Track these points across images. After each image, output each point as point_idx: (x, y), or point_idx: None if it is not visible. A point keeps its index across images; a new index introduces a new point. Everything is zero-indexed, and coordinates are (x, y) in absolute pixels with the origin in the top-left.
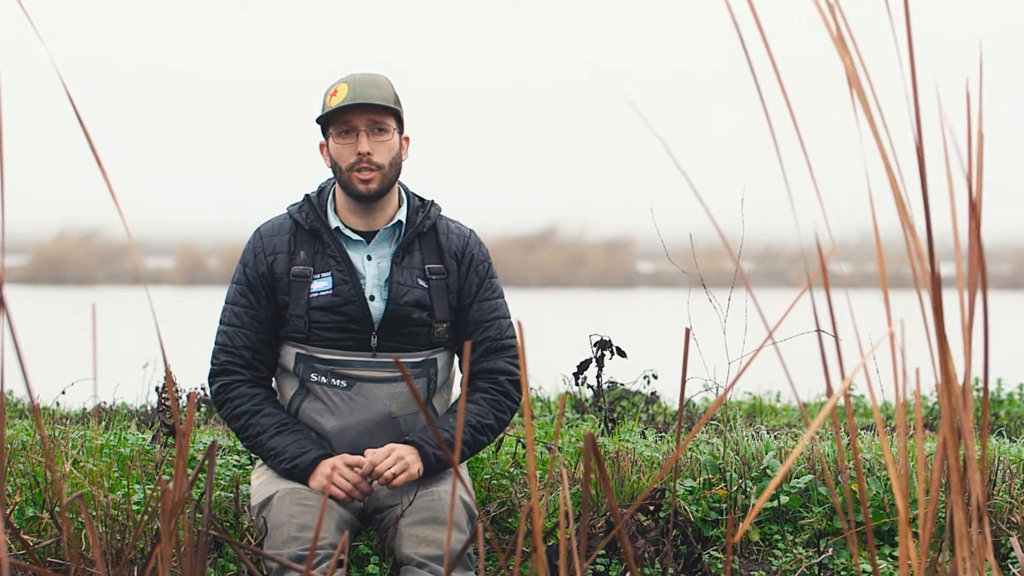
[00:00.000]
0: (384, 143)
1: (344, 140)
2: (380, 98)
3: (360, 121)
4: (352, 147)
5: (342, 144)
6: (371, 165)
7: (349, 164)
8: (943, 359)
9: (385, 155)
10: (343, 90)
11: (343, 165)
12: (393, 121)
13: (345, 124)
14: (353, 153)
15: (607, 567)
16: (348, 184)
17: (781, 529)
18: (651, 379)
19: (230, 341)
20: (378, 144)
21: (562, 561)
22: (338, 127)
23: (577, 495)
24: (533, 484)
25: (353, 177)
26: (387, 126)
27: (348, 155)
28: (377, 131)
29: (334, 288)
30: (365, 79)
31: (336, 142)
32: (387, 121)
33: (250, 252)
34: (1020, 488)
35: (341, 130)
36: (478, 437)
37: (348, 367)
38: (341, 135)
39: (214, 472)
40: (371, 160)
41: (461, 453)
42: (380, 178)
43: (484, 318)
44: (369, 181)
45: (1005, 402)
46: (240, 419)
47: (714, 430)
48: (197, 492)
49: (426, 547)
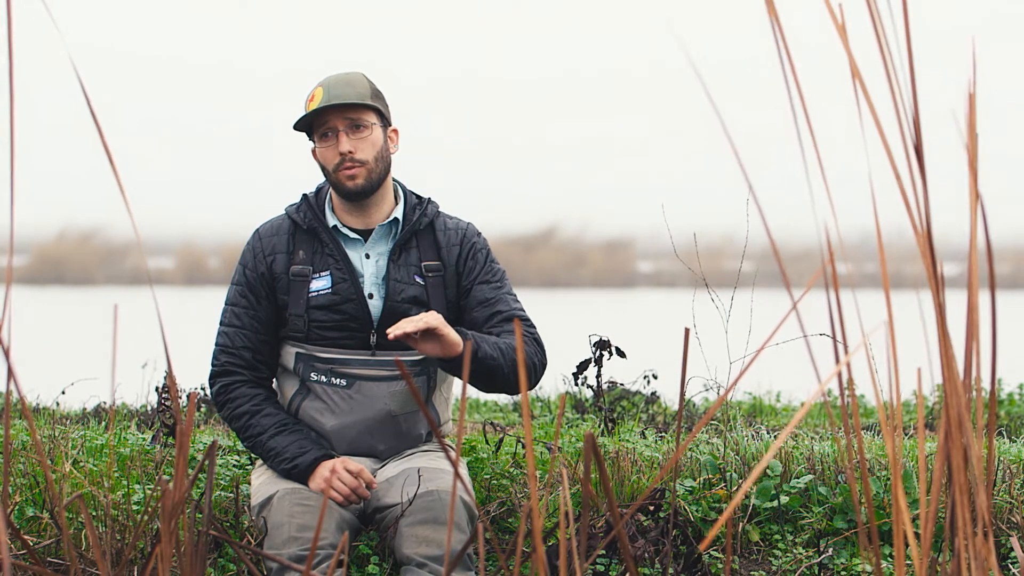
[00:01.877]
0: (365, 139)
1: (326, 143)
2: (355, 96)
3: (338, 121)
4: (334, 148)
5: (325, 147)
6: (354, 162)
7: (334, 165)
8: (945, 358)
9: (368, 151)
10: (319, 94)
11: (329, 167)
12: (373, 116)
13: (325, 126)
14: (336, 154)
15: (607, 567)
16: (337, 184)
17: (781, 529)
18: (651, 379)
19: (230, 342)
20: (359, 141)
21: (562, 561)
22: (319, 131)
23: (577, 495)
24: (533, 484)
25: (340, 176)
26: (365, 122)
27: (332, 157)
28: (356, 128)
29: (333, 287)
30: (340, 80)
31: (320, 146)
32: (365, 117)
33: (249, 253)
34: (1020, 488)
35: (322, 133)
36: (510, 355)
37: (348, 366)
38: (323, 139)
39: (214, 472)
40: (354, 158)
41: (497, 365)
42: (366, 173)
43: (489, 296)
44: (355, 177)
45: (1005, 402)
46: (240, 419)
47: (714, 430)
48: (197, 492)
49: (426, 547)
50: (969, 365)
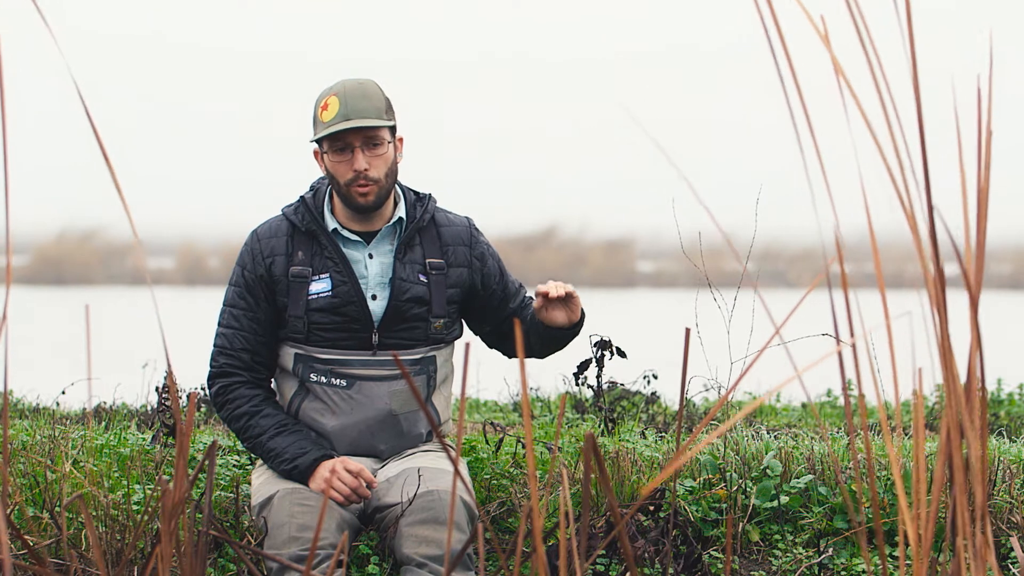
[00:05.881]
0: (380, 156)
1: (340, 157)
2: (374, 113)
3: (355, 138)
4: (348, 164)
5: (338, 161)
6: (368, 180)
7: (347, 180)
8: (945, 358)
9: (381, 168)
10: (334, 104)
11: (341, 181)
12: (387, 132)
13: (340, 141)
14: (350, 170)
15: (607, 567)
16: (348, 198)
17: (781, 529)
18: (651, 379)
19: (229, 343)
20: (374, 159)
21: (562, 561)
22: (333, 143)
23: (577, 495)
24: (533, 484)
25: (352, 192)
26: (381, 139)
27: (345, 172)
28: (372, 146)
29: (333, 289)
30: (355, 91)
31: (332, 159)
32: (381, 135)
33: (247, 254)
34: (1020, 488)
35: (336, 147)
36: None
37: (347, 366)
38: (336, 152)
39: (214, 472)
40: (368, 176)
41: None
42: (378, 190)
43: (509, 289)
44: (367, 194)
45: (1005, 402)
46: (240, 420)
47: (714, 430)
48: (197, 492)
49: (426, 547)
50: (972, 370)
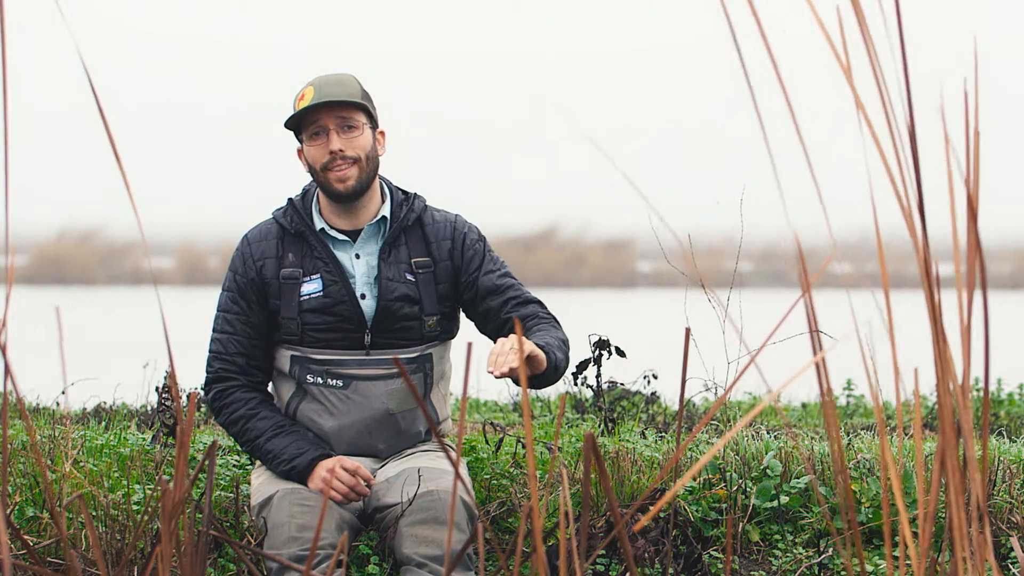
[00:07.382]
0: (355, 139)
1: (315, 141)
2: (346, 95)
3: (329, 120)
4: (324, 147)
5: (314, 145)
6: (345, 160)
7: (323, 164)
8: (941, 358)
9: (358, 150)
10: (309, 93)
11: (318, 166)
12: (363, 116)
13: (315, 125)
14: (325, 152)
15: (607, 567)
16: (326, 185)
17: (781, 529)
18: (651, 379)
19: (224, 348)
20: (349, 140)
21: (562, 561)
22: (309, 129)
23: (577, 495)
24: (533, 484)
25: (330, 177)
26: (356, 122)
27: (321, 155)
28: (347, 128)
29: (324, 289)
30: (330, 79)
31: (308, 145)
32: (356, 117)
33: (239, 259)
34: (1020, 488)
35: (312, 132)
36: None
37: (343, 366)
38: (312, 137)
39: (214, 472)
40: (344, 155)
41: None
42: (357, 172)
43: (498, 284)
44: (346, 179)
45: (1005, 402)
46: (237, 424)
47: (714, 430)
48: (197, 492)
49: (426, 547)
50: (967, 369)
